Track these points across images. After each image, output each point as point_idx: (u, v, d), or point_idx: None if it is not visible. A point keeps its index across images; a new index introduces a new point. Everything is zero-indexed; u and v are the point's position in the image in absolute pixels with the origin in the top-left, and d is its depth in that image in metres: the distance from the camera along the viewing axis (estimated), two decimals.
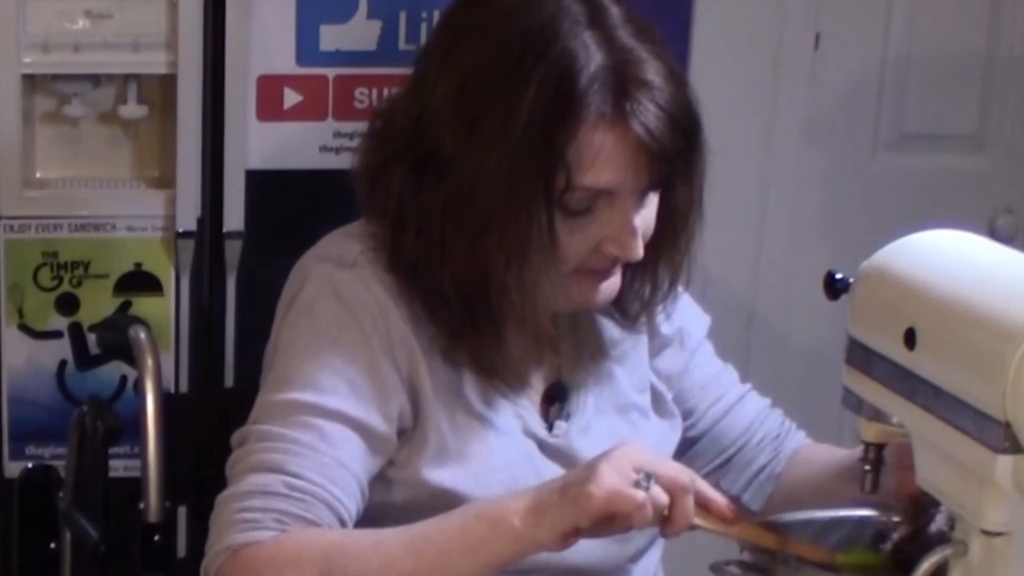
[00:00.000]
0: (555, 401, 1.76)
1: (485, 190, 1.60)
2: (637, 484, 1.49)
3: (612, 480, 1.49)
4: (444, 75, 1.64)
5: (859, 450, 1.73)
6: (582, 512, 1.49)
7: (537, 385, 1.75)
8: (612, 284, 1.69)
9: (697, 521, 1.54)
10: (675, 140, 1.61)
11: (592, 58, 1.59)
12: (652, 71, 1.61)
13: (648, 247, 1.67)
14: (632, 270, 1.72)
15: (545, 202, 1.60)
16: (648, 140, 1.59)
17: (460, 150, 1.62)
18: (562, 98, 1.58)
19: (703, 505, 1.55)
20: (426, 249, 1.65)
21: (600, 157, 1.60)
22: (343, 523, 1.58)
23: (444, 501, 1.62)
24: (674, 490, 1.51)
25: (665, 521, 1.52)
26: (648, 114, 1.59)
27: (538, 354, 1.73)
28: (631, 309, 1.77)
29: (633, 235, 1.64)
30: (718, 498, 1.56)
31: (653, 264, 1.71)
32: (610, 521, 1.50)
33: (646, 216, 1.66)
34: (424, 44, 1.75)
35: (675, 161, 1.63)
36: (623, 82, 1.60)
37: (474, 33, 1.64)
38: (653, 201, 1.67)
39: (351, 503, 1.59)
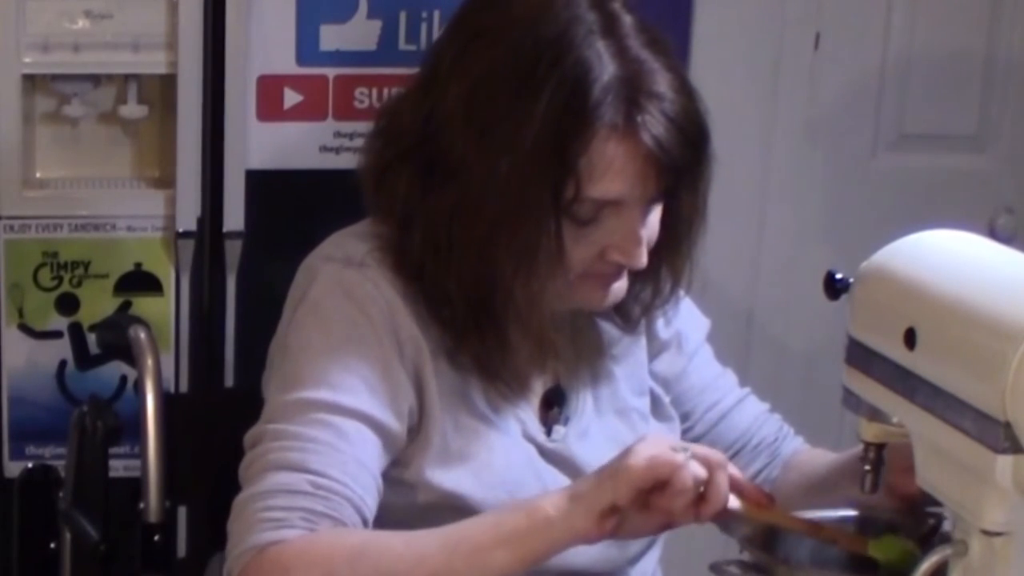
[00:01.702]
0: (553, 405, 1.76)
1: (494, 197, 1.60)
2: (674, 451, 1.50)
3: (649, 450, 1.50)
4: (455, 78, 1.64)
5: (849, 453, 1.74)
6: (621, 484, 1.49)
7: (536, 389, 1.75)
8: (619, 287, 1.69)
9: (732, 504, 1.53)
10: (683, 151, 1.61)
11: (606, 69, 1.59)
12: (663, 83, 1.61)
13: (651, 253, 1.66)
14: (634, 274, 1.71)
15: (554, 211, 1.59)
16: (657, 152, 1.59)
17: (470, 156, 1.61)
18: (575, 109, 1.58)
19: (737, 490, 1.54)
20: (432, 252, 1.65)
21: (611, 169, 1.59)
22: (365, 522, 1.57)
23: (447, 503, 1.62)
24: (711, 465, 1.51)
25: (701, 500, 1.52)
26: (658, 126, 1.59)
27: (541, 359, 1.73)
28: (632, 312, 1.77)
29: (638, 244, 1.64)
30: (750, 484, 1.57)
31: (655, 269, 1.71)
32: (646, 502, 1.50)
33: (650, 224, 1.66)
34: (434, 44, 1.74)
35: (682, 172, 1.63)
36: (635, 93, 1.59)
37: (487, 38, 1.64)
38: (657, 210, 1.67)
39: (371, 501, 1.58)
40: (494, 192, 1.60)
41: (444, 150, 1.63)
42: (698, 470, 1.50)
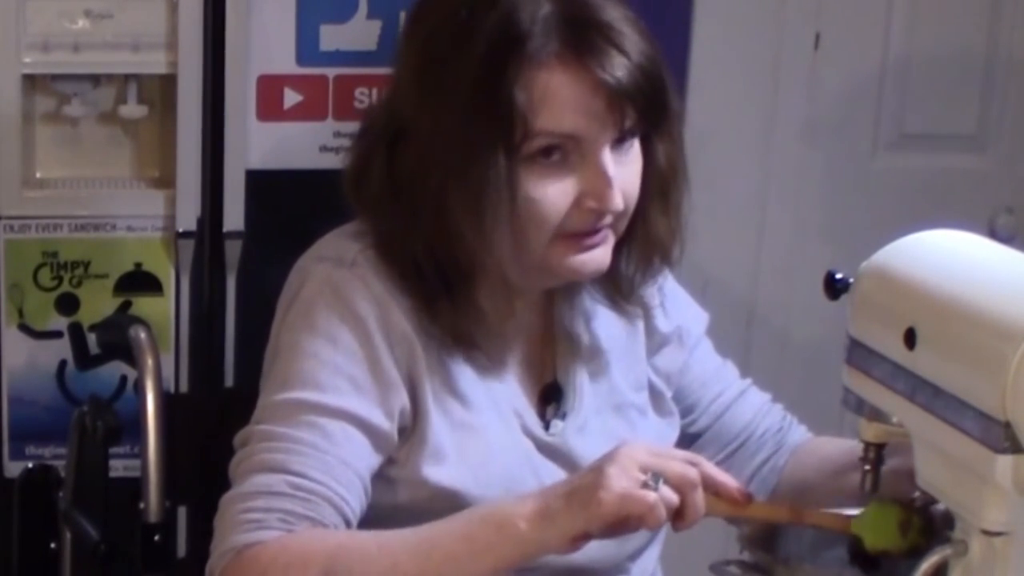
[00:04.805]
0: (551, 401, 1.76)
1: (444, 144, 1.62)
2: (645, 485, 1.49)
3: (621, 483, 1.48)
4: (405, 57, 1.67)
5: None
6: (593, 517, 1.49)
7: (533, 385, 1.75)
8: (600, 253, 1.67)
9: (709, 510, 1.53)
10: (636, 81, 1.61)
11: (540, 6, 1.61)
12: (606, 13, 1.62)
13: (635, 214, 1.66)
14: (623, 242, 1.71)
15: (503, 150, 1.60)
16: (606, 78, 1.59)
17: (420, 114, 1.63)
18: (508, 42, 1.60)
19: (713, 490, 1.54)
20: (400, 219, 1.65)
21: (555, 99, 1.60)
22: (348, 522, 1.58)
23: (444, 500, 1.63)
24: (683, 487, 1.51)
25: (677, 517, 1.52)
26: (602, 54, 1.60)
27: (511, 313, 1.71)
28: (623, 285, 1.76)
29: (608, 184, 1.62)
30: (728, 481, 1.55)
31: (643, 232, 1.71)
32: (622, 524, 1.50)
33: (626, 174, 1.65)
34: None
35: (644, 108, 1.62)
36: (574, 24, 1.60)
37: (428, 10, 1.67)
38: (633, 159, 1.66)
39: (355, 501, 1.59)
40: (443, 139, 1.61)
41: (403, 123, 1.65)
42: (670, 497, 1.50)
